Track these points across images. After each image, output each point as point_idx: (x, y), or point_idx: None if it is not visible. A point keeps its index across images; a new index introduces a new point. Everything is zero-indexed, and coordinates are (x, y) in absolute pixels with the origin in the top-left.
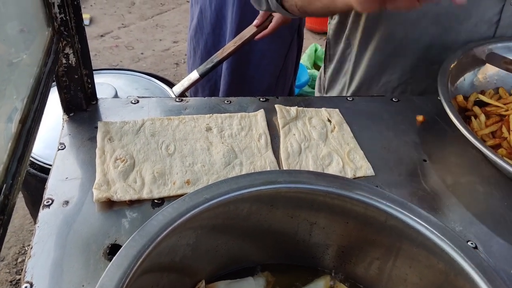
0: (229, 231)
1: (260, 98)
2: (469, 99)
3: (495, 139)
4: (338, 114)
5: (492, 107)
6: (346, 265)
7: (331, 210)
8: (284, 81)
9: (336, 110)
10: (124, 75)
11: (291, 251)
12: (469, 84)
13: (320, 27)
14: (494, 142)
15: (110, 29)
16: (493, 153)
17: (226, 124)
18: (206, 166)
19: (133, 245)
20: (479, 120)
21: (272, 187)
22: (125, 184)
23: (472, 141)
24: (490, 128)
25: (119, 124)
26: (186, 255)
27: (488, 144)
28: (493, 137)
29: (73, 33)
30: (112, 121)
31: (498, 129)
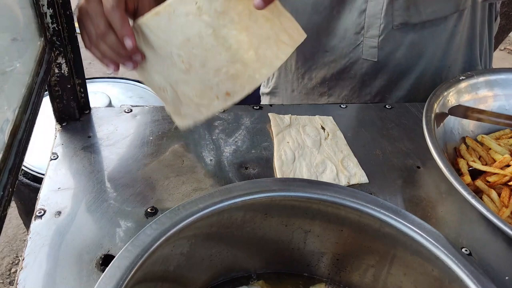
0: (223, 240)
1: (254, 106)
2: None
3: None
4: (331, 121)
5: (492, 176)
6: (341, 273)
7: (326, 218)
8: None
9: (330, 118)
10: (118, 83)
11: (285, 259)
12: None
13: None
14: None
15: None
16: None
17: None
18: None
19: (126, 256)
20: (491, 198)
21: (266, 196)
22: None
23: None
24: (509, 208)
25: None
26: (180, 265)
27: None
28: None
29: (65, 42)
30: None
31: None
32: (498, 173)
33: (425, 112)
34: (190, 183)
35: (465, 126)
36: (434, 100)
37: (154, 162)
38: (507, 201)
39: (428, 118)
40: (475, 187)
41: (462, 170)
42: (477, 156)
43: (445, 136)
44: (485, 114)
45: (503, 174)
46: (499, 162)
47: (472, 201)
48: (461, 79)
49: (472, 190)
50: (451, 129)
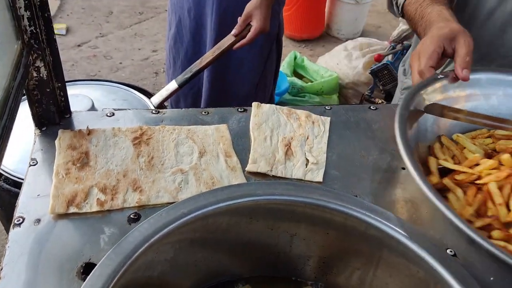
0: (208, 245)
1: (238, 109)
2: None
3: (483, 218)
4: (327, 122)
5: (460, 174)
6: (328, 275)
7: (311, 221)
8: (263, 89)
9: (328, 119)
10: (101, 86)
11: (272, 263)
12: (413, 142)
13: (299, 35)
14: (485, 223)
15: (87, 38)
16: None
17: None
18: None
19: (108, 264)
20: (457, 196)
21: (251, 200)
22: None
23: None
24: (473, 206)
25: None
26: (164, 271)
27: (477, 226)
28: (476, 214)
29: (44, 45)
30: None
31: (482, 204)
32: (466, 171)
33: (399, 110)
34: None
35: (442, 125)
36: (409, 98)
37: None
38: (472, 199)
39: (401, 116)
40: (443, 185)
41: (431, 169)
42: (451, 155)
43: (420, 134)
44: (462, 113)
45: (470, 173)
46: (468, 161)
47: (434, 199)
48: (439, 78)
49: (440, 188)
50: (427, 127)
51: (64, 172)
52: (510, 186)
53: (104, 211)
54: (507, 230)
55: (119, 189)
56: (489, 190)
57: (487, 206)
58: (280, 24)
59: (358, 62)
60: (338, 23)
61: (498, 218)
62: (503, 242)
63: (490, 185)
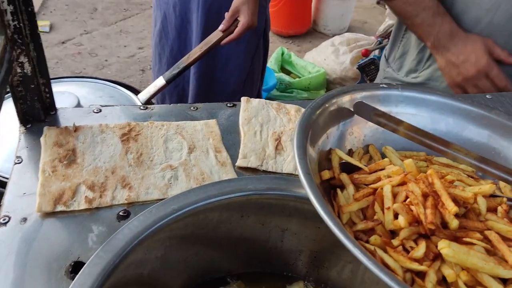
0: (199, 241)
1: (227, 104)
2: (332, 162)
3: (366, 222)
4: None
5: (361, 174)
6: (319, 270)
7: (302, 215)
8: (251, 84)
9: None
10: (88, 83)
11: (263, 258)
12: (335, 143)
13: (286, 31)
14: (366, 227)
15: (71, 35)
16: (368, 258)
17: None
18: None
19: (97, 262)
20: (347, 192)
21: (241, 195)
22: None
23: (333, 231)
24: (359, 203)
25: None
26: (155, 268)
27: (358, 229)
28: (364, 217)
29: (27, 41)
30: None
31: (370, 205)
32: (362, 168)
33: (312, 104)
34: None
35: (379, 137)
36: (332, 95)
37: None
38: (360, 197)
39: (310, 109)
40: (340, 181)
41: (332, 163)
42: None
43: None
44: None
45: (368, 174)
46: (375, 164)
47: (310, 194)
48: (381, 86)
49: (340, 185)
50: (363, 135)
51: (51, 170)
52: (405, 194)
53: (93, 208)
54: (388, 238)
55: (107, 186)
56: (381, 193)
57: (374, 210)
58: (267, 20)
59: (345, 57)
60: (324, 19)
61: (382, 224)
62: (379, 250)
63: (384, 188)
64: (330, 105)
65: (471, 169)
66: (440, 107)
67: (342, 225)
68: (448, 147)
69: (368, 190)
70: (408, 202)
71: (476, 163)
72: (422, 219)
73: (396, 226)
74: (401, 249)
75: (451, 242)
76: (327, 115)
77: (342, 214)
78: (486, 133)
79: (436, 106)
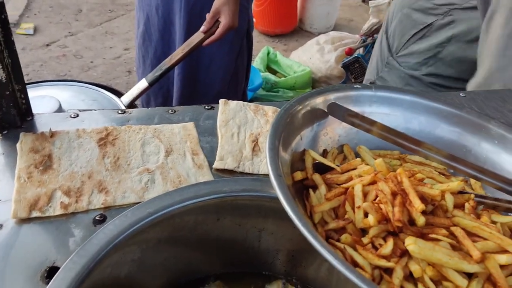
0: (176, 243)
1: (205, 106)
2: (306, 162)
3: (338, 221)
4: None
5: (333, 174)
6: (297, 268)
7: (278, 215)
8: (236, 85)
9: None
10: (70, 86)
11: (242, 259)
12: (309, 144)
13: (272, 30)
14: (337, 226)
15: (56, 37)
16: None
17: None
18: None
19: (72, 267)
20: (319, 192)
21: (217, 197)
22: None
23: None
24: (331, 203)
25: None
26: (132, 271)
27: (330, 228)
28: (335, 216)
29: (1, 47)
30: None
31: (341, 205)
32: (335, 168)
33: (285, 106)
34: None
35: (354, 137)
36: (306, 97)
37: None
38: (332, 196)
39: (281, 115)
40: (313, 181)
41: (306, 164)
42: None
43: (319, 138)
44: (375, 126)
45: (340, 172)
46: (347, 164)
47: (280, 196)
48: (355, 87)
49: (312, 185)
50: (337, 136)
51: (26, 176)
52: (375, 193)
53: (69, 214)
54: (359, 236)
55: (83, 191)
56: (352, 193)
57: (345, 209)
58: (250, 20)
59: (330, 56)
60: (310, 17)
61: (353, 222)
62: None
63: (355, 187)
64: (303, 106)
65: (443, 167)
66: (413, 106)
67: (313, 225)
68: (420, 146)
69: (339, 189)
70: (378, 201)
71: (447, 161)
72: (390, 217)
73: (366, 224)
74: (371, 246)
75: (417, 239)
76: (300, 116)
77: (314, 214)
78: (457, 131)
79: (409, 105)
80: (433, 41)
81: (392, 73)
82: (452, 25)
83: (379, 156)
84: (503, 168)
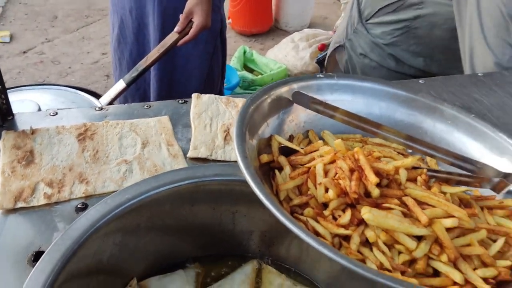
0: (155, 228)
1: (179, 101)
2: (272, 147)
3: (301, 197)
4: None
5: (297, 156)
6: (271, 248)
7: (249, 198)
8: (212, 84)
9: None
10: (49, 90)
11: (218, 241)
12: (275, 130)
13: (249, 30)
14: (301, 201)
15: (33, 44)
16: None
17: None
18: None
19: (56, 249)
20: (284, 172)
21: (191, 182)
22: None
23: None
24: (295, 181)
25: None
26: (114, 255)
27: (295, 204)
28: (299, 193)
29: None
30: None
31: (304, 183)
32: (299, 150)
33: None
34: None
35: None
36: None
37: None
38: (296, 175)
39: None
40: (279, 163)
41: (272, 148)
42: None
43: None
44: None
45: (303, 154)
46: (310, 146)
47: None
48: (317, 76)
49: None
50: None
51: (10, 171)
52: (335, 170)
53: (52, 203)
54: (320, 210)
55: (65, 182)
56: (314, 171)
57: (308, 186)
58: (223, 20)
59: (305, 52)
60: (285, 16)
61: (315, 198)
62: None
63: (317, 166)
64: (269, 96)
65: (402, 147)
66: (374, 93)
67: (279, 202)
68: (380, 129)
69: (303, 169)
70: (337, 177)
71: (405, 141)
72: (348, 190)
73: (326, 198)
74: (331, 218)
75: (372, 208)
76: (267, 105)
77: (280, 192)
78: (414, 114)
79: (371, 92)
80: (402, 16)
81: (360, 38)
82: (421, 5)
83: (342, 139)
84: (455, 146)
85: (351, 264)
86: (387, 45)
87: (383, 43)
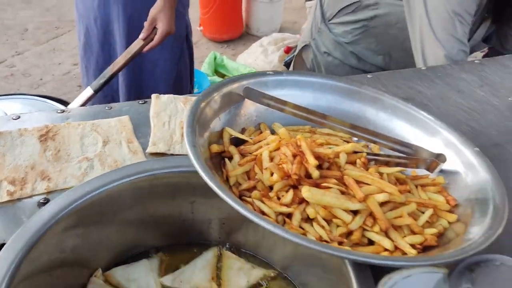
0: (117, 220)
1: (139, 101)
2: (223, 138)
3: (249, 181)
4: None
5: (246, 146)
6: (230, 235)
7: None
8: (180, 88)
9: None
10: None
11: (179, 231)
12: (227, 123)
13: (220, 36)
14: (249, 185)
15: (3, 58)
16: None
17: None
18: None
19: (17, 240)
20: (234, 160)
21: (149, 174)
22: None
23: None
24: (243, 167)
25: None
26: (77, 246)
27: (243, 188)
28: (248, 178)
29: None
30: None
31: (252, 169)
32: (248, 141)
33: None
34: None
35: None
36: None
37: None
38: (244, 162)
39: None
40: (229, 153)
41: (223, 139)
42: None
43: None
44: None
45: (252, 144)
46: (259, 136)
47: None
48: (267, 73)
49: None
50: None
51: None
52: (279, 156)
53: (15, 200)
54: (267, 192)
55: (27, 180)
56: (261, 158)
57: (255, 171)
58: (188, 25)
59: (274, 56)
60: (255, 21)
61: (261, 181)
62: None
63: (263, 153)
64: (220, 92)
65: (348, 136)
66: (321, 87)
67: (229, 187)
68: (326, 119)
69: (251, 157)
70: (281, 162)
71: (349, 130)
72: (290, 173)
73: (271, 182)
74: (276, 199)
75: (312, 188)
76: (219, 100)
77: (230, 178)
78: (358, 105)
79: (318, 87)
80: (360, 16)
81: (323, 37)
82: (376, 6)
83: (292, 131)
84: (395, 132)
85: (291, 236)
86: (349, 44)
87: (345, 42)
